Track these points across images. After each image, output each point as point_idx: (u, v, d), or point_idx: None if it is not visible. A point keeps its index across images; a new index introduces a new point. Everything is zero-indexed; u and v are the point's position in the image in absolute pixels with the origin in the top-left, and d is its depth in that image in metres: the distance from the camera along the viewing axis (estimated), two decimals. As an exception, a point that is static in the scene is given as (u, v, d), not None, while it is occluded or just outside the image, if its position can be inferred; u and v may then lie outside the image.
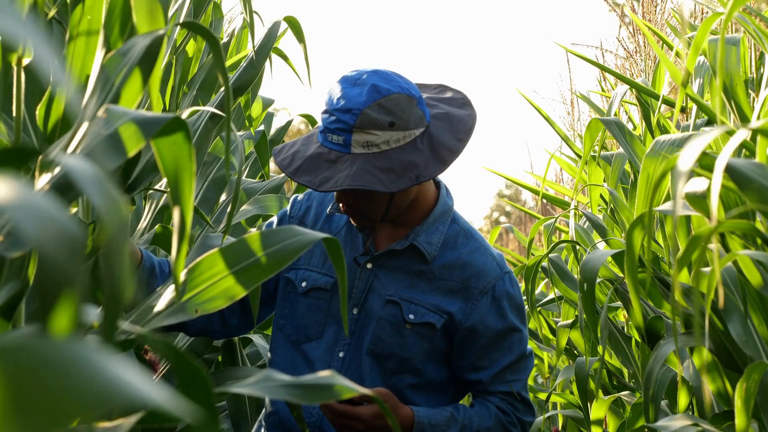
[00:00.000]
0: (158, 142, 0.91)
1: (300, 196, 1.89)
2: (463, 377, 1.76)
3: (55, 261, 0.43)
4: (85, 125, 1.00)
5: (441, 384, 1.76)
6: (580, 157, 3.23)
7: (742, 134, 0.98)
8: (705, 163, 1.31)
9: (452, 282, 1.74)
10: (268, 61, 2.37)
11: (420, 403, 1.72)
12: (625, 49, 3.30)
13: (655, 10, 3.17)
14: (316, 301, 1.77)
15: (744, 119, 1.87)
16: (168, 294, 1.03)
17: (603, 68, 2.95)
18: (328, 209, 1.82)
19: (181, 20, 1.56)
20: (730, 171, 1.15)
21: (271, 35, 2.23)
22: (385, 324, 1.73)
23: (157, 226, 1.92)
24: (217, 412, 0.79)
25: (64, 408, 0.37)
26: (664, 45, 2.80)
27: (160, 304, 1.02)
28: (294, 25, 2.16)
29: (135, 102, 1.06)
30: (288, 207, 1.88)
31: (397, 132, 1.64)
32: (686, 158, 0.90)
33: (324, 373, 0.95)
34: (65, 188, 0.92)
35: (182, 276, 1.02)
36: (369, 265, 1.76)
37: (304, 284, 1.78)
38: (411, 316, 1.72)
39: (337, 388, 0.94)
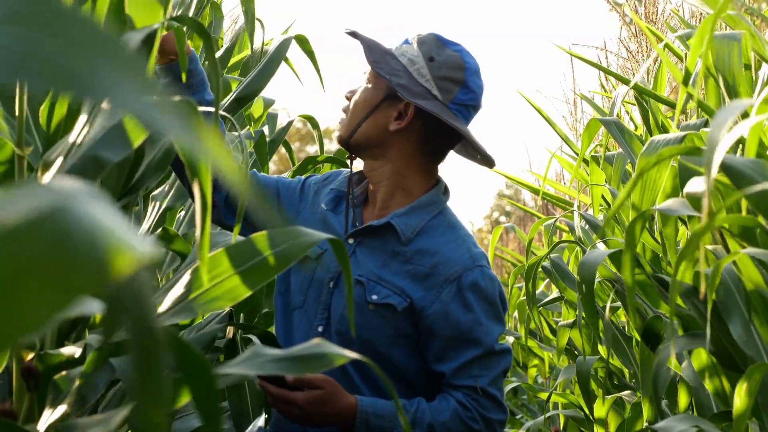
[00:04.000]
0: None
1: (318, 177, 1.89)
2: (431, 368, 1.71)
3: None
4: (82, 120, 1.00)
5: (412, 373, 1.72)
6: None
7: (739, 130, 0.98)
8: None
9: (422, 267, 1.71)
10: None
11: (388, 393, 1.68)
12: (626, 49, 3.30)
13: (656, 11, 3.17)
14: (305, 270, 1.78)
15: (746, 117, 1.87)
16: (173, 293, 1.03)
17: (602, 69, 2.95)
18: (331, 186, 1.83)
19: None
20: (726, 168, 1.16)
21: (281, 51, 2.25)
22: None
23: (159, 230, 1.91)
24: (220, 404, 0.80)
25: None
26: (666, 46, 2.79)
27: (166, 303, 1.02)
28: (303, 43, 2.19)
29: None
30: (300, 179, 1.89)
31: (427, 69, 1.71)
32: (718, 138, 0.89)
33: (314, 342, 0.96)
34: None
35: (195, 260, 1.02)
36: (351, 240, 1.76)
37: None
38: (374, 297, 1.70)
39: (328, 356, 0.94)
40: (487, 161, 1.80)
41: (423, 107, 1.68)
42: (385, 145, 1.74)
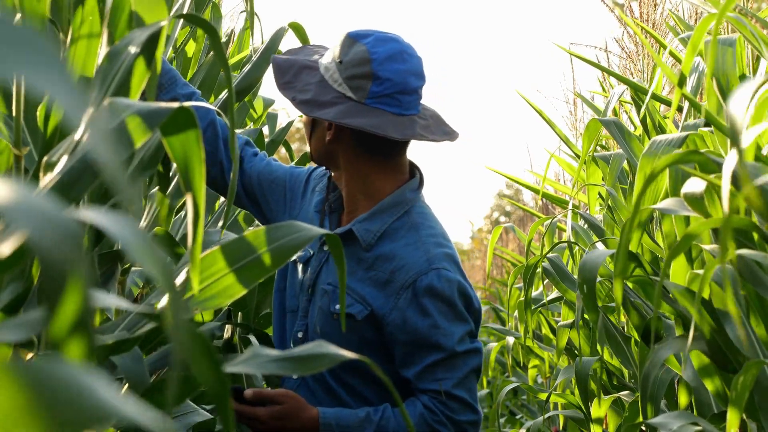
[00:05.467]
0: (166, 131, 0.92)
1: (320, 172, 1.88)
2: (399, 374, 1.71)
3: (56, 258, 0.44)
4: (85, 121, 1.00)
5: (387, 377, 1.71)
6: (579, 157, 3.23)
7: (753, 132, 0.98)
8: (700, 161, 1.31)
9: (382, 274, 1.69)
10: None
11: (371, 398, 1.69)
12: (623, 49, 3.30)
13: (655, 10, 3.16)
14: (297, 273, 1.79)
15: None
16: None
17: (602, 68, 2.95)
18: (317, 187, 1.83)
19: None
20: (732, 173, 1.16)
21: (276, 40, 2.25)
22: (320, 313, 1.72)
23: (156, 228, 1.91)
24: (228, 393, 0.79)
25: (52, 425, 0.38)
26: (661, 46, 2.80)
27: (162, 303, 1.02)
28: (298, 30, 2.18)
29: (137, 96, 1.07)
30: (309, 170, 1.89)
31: (338, 74, 1.69)
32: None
33: (313, 344, 0.96)
34: (67, 187, 0.93)
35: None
36: (325, 248, 1.76)
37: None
38: (337, 306, 1.70)
39: (328, 356, 0.94)
40: (448, 137, 1.74)
41: (319, 117, 1.69)
42: (332, 156, 1.75)
